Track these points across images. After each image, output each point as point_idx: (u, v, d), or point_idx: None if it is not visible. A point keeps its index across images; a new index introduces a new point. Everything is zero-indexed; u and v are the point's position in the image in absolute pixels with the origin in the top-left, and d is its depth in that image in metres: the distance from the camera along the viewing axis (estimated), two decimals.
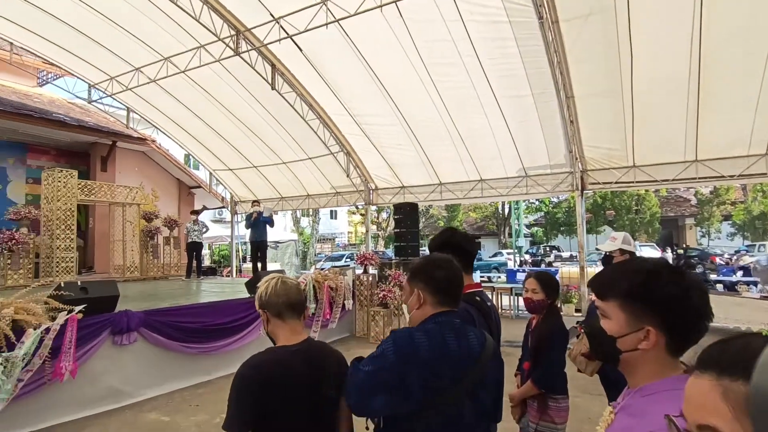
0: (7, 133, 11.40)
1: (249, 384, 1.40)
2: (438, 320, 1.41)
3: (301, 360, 1.47)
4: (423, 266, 1.52)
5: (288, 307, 1.52)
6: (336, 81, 9.36)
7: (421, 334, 1.35)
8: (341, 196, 13.22)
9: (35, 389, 3.43)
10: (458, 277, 1.49)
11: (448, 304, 1.46)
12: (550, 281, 2.60)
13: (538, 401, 2.43)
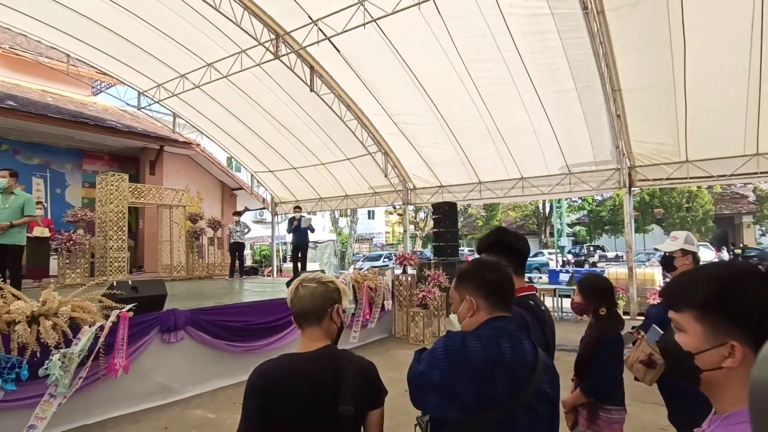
0: (66, 140, 12.10)
1: (255, 391, 1.36)
2: (493, 326, 1.33)
3: (314, 369, 1.37)
4: (472, 270, 1.42)
5: (301, 316, 1.46)
6: (373, 81, 9.36)
7: (475, 339, 1.28)
8: (379, 196, 13.23)
9: (91, 384, 3.59)
10: (510, 279, 1.40)
11: (502, 308, 1.37)
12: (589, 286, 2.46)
13: (588, 410, 2.31)
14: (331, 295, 1.47)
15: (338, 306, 1.49)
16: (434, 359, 1.27)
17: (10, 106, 10.12)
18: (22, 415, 3.28)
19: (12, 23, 9.22)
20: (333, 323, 1.48)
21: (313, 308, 1.44)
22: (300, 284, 1.48)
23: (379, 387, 1.47)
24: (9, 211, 5.39)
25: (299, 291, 1.46)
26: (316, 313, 1.44)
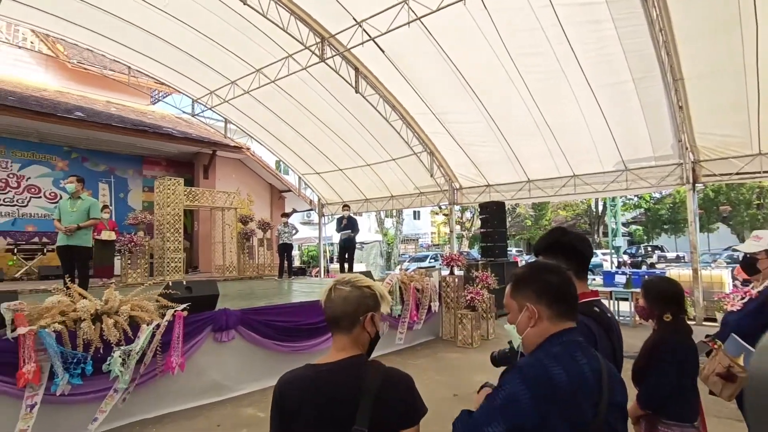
0: (127, 147, 12.83)
1: (275, 401, 1.30)
2: (563, 340, 1.19)
3: (333, 382, 1.25)
4: (530, 275, 1.29)
5: (331, 322, 1.33)
6: (418, 80, 9.28)
7: (554, 363, 1.13)
8: (425, 196, 13.12)
9: (150, 380, 3.74)
10: (573, 284, 1.27)
11: (568, 317, 1.24)
12: (653, 289, 2.25)
13: (646, 422, 2.13)
14: (365, 301, 1.32)
15: (373, 314, 1.33)
16: (515, 402, 1.10)
17: (79, 116, 10.84)
18: (88, 408, 3.46)
19: (80, 39, 9.86)
20: (365, 332, 1.33)
21: (344, 314, 1.31)
22: (333, 287, 1.35)
23: (414, 403, 1.30)
24: (77, 215, 5.75)
25: (331, 294, 1.33)
26: (347, 319, 1.31)
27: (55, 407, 3.30)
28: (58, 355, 3.23)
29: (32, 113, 10.10)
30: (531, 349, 1.25)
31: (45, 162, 11.98)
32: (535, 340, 1.23)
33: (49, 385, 3.23)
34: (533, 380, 1.11)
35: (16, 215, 11.53)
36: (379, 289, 1.37)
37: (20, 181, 11.60)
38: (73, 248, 5.76)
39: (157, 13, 8.39)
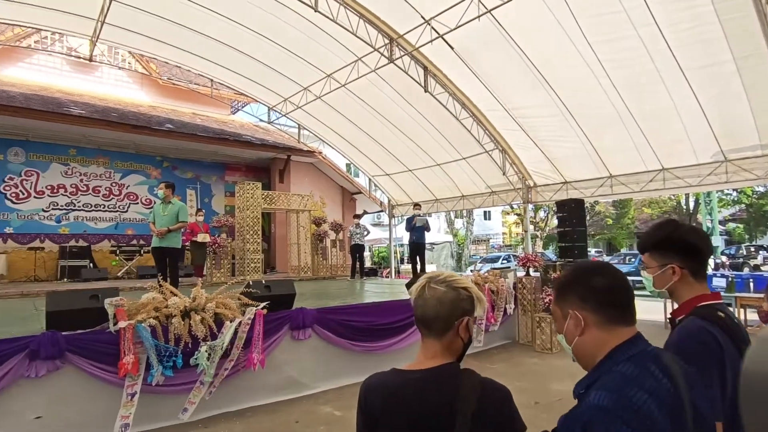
0: (211, 155, 13.73)
1: (360, 405, 1.23)
2: (631, 355, 1.03)
3: (423, 393, 1.13)
4: (574, 277, 1.15)
5: (422, 323, 1.21)
6: (489, 75, 9.01)
7: (636, 389, 0.95)
8: (497, 195, 12.73)
9: (233, 375, 3.93)
10: (626, 282, 1.12)
11: (622, 322, 1.08)
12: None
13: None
14: (461, 304, 1.19)
15: (468, 318, 1.21)
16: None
17: (169, 128, 11.77)
18: (179, 398, 3.69)
19: (170, 57, 10.71)
20: (459, 338, 1.21)
21: (437, 316, 1.18)
22: (427, 285, 1.22)
23: (514, 421, 1.16)
24: (167, 218, 6.23)
25: (425, 293, 1.21)
26: (440, 322, 1.19)
27: (151, 396, 3.55)
28: (153, 347, 3.48)
29: (130, 127, 11.12)
30: (586, 362, 1.10)
31: (141, 171, 13.14)
32: (591, 351, 1.08)
33: (146, 376, 3.49)
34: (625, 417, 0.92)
35: (118, 220, 12.74)
36: (476, 292, 1.24)
37: (121, 189, 12.82)
38: (165, 249, 6.24)
39: (237, 27, 8.88)
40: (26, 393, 3.24)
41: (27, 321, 4.69)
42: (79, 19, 8.93)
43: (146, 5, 8.42)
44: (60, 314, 3.49)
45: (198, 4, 8.29)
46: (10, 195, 11.32)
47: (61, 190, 11.96)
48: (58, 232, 11.85)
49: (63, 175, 12.01)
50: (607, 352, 1.05)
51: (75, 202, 12.13)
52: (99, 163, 12.50)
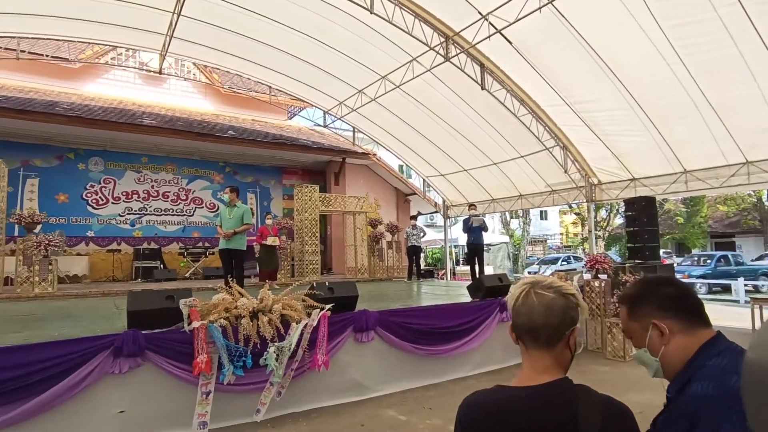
0: (269, 159, 14.17)
1: (459, 426, 1.12)
2: (721, 349, 1.05)
3: (539, 413, 1.01)
4: (646, 290, 1.18)
5: (527, 332, 1.10)
6: (549, 69, 8.65)
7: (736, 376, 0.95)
8: (557, 194, 12.22)
9: (299, 376, 3.97)
10: (692, 289, 1.18)
11: (702, 324, 1.11)
12: None
13: None
14: (570, 312, 1.09)
15: (577, 327, 1.12)
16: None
17: (231, 135, 12.26)
18: (248, 397, 3.78)
19: (231, 66, 11.16)
20: (568, 350, 1.11)
21: (547, 325, 1.07)
22: (532, 290, 1.11)
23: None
24: (233, 221, 6.46)
25: (530, 299, 1.09)
26: (549, 332, 1.08)
27: (224, 395, 3.66)
28: (224, 347, 3.58)
29: (195, 135, 11.69)
30: (673, 371, 1.11)
31: (206, 176, 13.79)
32: (678, 358, 1.09)
33: (218, 375, 3.59)
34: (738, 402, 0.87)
35: (185, 223, 13.43)
36: (581, 299, 1.15)
37: (188, 194, 13.50)
38: (231, 251, 6.48)
39: (293, 33, 9.09)
40: (111, 388, 3.43)
41: (109, 319, 5.00)
42: (149, 35, 9.49)
43: (210, 18, 8.80)
44: (139, 314, 3.67)
45: (257, 14, 8.56)
46: (91, 201, 12.23)
47: (135, 196, 12.77)
48: (132, 235, 12.67)
49: (136, 181, 12.83)
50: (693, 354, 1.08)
51: (147, 207, 12.92)
52: (168, 169, 13.24)
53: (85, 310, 6.16)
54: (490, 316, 5.48)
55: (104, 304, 6.87)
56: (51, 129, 10.83)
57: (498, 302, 5.64)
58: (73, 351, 3.27)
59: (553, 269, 17.44)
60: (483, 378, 5.18)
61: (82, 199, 12.11)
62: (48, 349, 3.24)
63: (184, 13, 8.44)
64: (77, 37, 10.01)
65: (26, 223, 8.35)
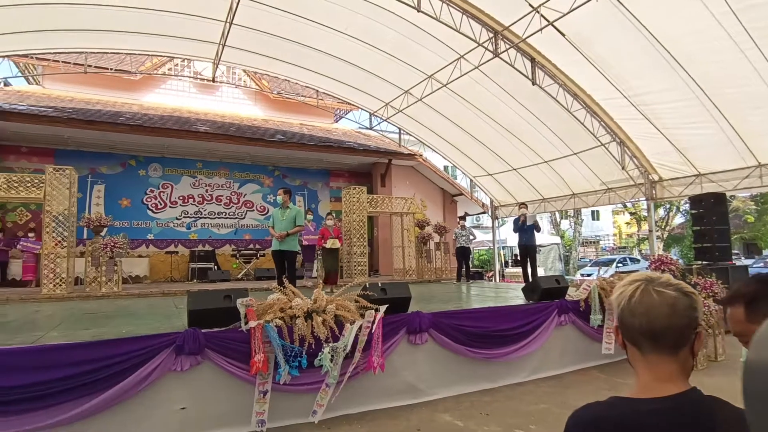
0: (316, 162, 14.37)
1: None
2: None
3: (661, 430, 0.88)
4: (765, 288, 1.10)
5: (646, 335, 0.95)
6: (605, 61, 8.24)
7: None
8: (614, 192, 11.64)
9: (353, 377, 3.93)
10: None
11: None
12: None
13: None
14: (695, 314, 0.96)
15: (702, 331, 0.99)
16: None
17: (280, 139, 12.54)
18: (306, 398, 3.79)
19: (280, 72, 11.41)
20: (691, 355, 0.98)
21: (671, 327, 0.94)
22: (649, 287, 0.96)
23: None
24: (285, 223, 6.56)
25: (649, 297, 0.95)
26: (674, 335, 0.94)
27: (280, 395, 3.68)
28: (279, 347, 3.60)
29: (247, 140, 12.04)
30: None
31: (256, 180, 14.19)
32: None
33: (274, 375, 3.61)
34: None
35: (237, 226, 13.86)
36: (701, 301, 1.04)
37: (239, 197, 13.94)
38: (284, 252, 6.58)
39: (340, 36, 9.16)
40: (173, 385, 3.52)
41: (170, 318, 5.18)
42: (203, 45, 9.86)
43: (260, 25, 9.02)
44: (199, 313, 3.75)
45: (305, 18, 8.69)
46: (151, 206, 12.86)
47: (191, 200, 13.31)
48: (188, 237, 13.21)
49: (191, 186, 13.37)
50: None
51: (201, 210, 13.44)
52: (221, 174, 13.73)
53: (147, 308, 6.44)
54: (548, 319, 5.24)
55: (164, 303, 7.16)
56: (115, 138, 11.49)
57: (556, 304, 5.39)
58: (139, 348, 3.39)
59: (612, 271, 16.62)
60: (542, 384, 4.96)
61: (142, 203, 12.77)
62: (116, 346, 3.37)
63: (236, 22, 8.69)
64: (138, 50, 10.58)
65: (94, 226, 8.87)
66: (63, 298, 8.02)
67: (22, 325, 4.85)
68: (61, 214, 8.52)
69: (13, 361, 3.11)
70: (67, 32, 8.95)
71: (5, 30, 8.50)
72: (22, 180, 8.51)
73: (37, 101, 11.36)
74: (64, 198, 8.58)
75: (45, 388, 3.08)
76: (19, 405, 3.03)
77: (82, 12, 8.33)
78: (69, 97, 12.33)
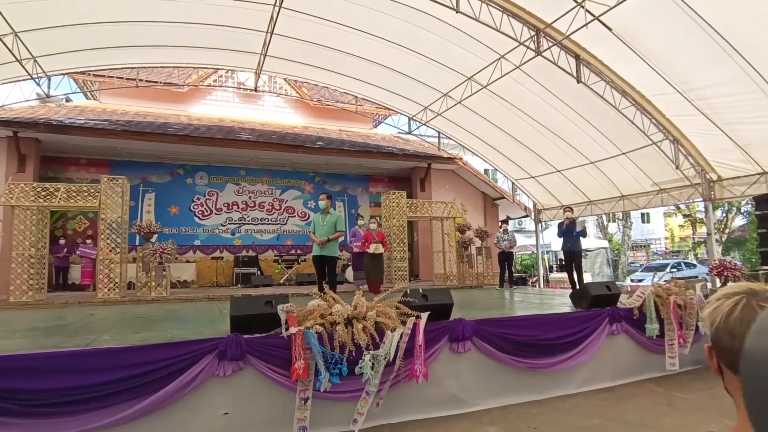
0: (356, 168, 14.44)
1: None
2: None
3: None
4: None
5: None
6: (656, 55, 7.81)
7: None
8: (667, 193, 11.03)
9: (394, 386, 3.84)
10: None
11: None
12: None
13: None
14: None
15: None
16: None
17: (320, 145, 12.69)
18: (344, 405, 3.74)
19: (319, 79, 11.54)
20: None
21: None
22: (753, 300, 0.80)
23: None
24: (326, 228, 6.57)
25: (752, 314, 0.78)
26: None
27: (321, 402, 3.65)
28: (320, 354, 3.57)
29: (288, 146, 12.26)
30: None
31: (297, 186, 14.42)
32: None
33: (314, 382, 3.58)
34: None
35: (279, 232, 14.12)
36: None
37: (281, 204, 14.20)
38: (325, 258, 6.59)
39: (378, 41, 9.16)
40: (216, 390, 3.56)
41: (214, 323, 5.29)
42: (246, 56, 10.12)
43: (300, 34, 9.16)
44: (241, 318, 3.79)
45: (343, 25, 8.74)
46: (197, 213, 13.31)
47: (235, 207, 13.69)
48: (232, 243, 13.57)
49: (235, 193, 13.75)
50: None
51: (245, 217, 13.78)
52: (263, 181, 14.05)
53: (192, 313, 6.61)
54: (599, 328, 4.97)
55: (209, 307, 7.34)
56: (164, 148, 11.99)
57: (607, 312, 5.10)
58: (184, 353, 3.45)
59: (666, 276, 15.73)
60: (592, 397, 4.69)
61: (189, 210, 13.23)
62: (162, 350, 3.44)
63: (276, 32, 8.86)
64: (186, 63, 11.01)
65: (145, 233, 9.26)
66: (116, 301, 8.40)
67: (78, 328, 5.08)
68: (114, 222, 8.95)
69: (69, 364, 3.23)
70: (120, 49, 9.42)
71: (65, 49, 9.04)
72: (80, 190, 9.00)
73: (94, 115, 12.03)
74: (117, 206, 9.01)
75: (98, 390, 3.18)
76: (73, 406, 3.14)
77: (133, 29, 8.74)
78: (122, 111, 12.98)
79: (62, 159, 12.15)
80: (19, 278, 8.37)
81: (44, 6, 7.62)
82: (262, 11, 8.28)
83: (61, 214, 11.82)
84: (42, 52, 8.87)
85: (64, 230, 11.99)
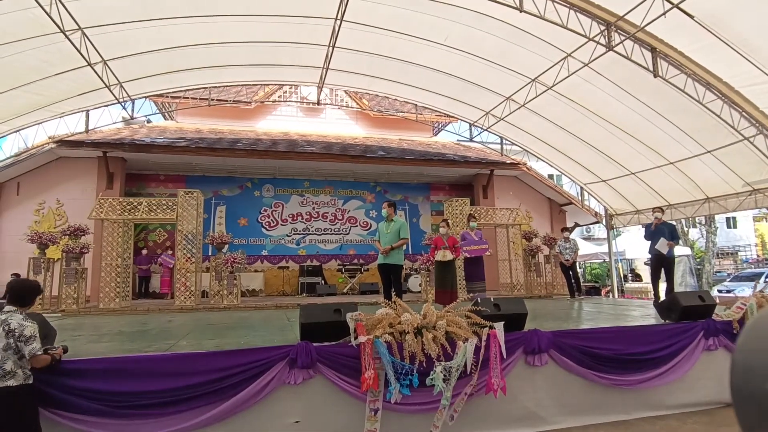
0: (417, 177, 14.38)
1: None
2: None
3: None
4: None
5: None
6: (746, 41, 7.09)
7: None
8: (762, 194, 9.97)
9: (468, 399, 3.67)
10: None
11: None
12: None
13: None
14: None
15: None
16: None
17: (381, 155, 12.76)
18: (415, 418, 3.62)
19: (379, 90, 11.64)
20: None
21: None
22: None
23: None
24: (390, 236, 6.52)
25: None
26: None
27: (392, 414, 3.56)
28: (390, 364, 3.48)
29: (350, 157, 12.45)
30: None
31: (359, 197, 14.57)
32: None
33: (384, 393, 3.50)
34: None
35: (342, 242, 14.31)
36: None
37: (344, 214, 14.41)
38: (389, 266, 6.54)
39: (438, 48, 9.07)
40: (287, 398, 3.58)
41: (282, 330, 5.38)
42: (309, 70, 10.41)
43: (360, 46, 9.28)
44: (311, 326, 3.79)
45: (403, 34, 8.75)
46: (264, 224, 13.81)
47: (299, 218, 14.06)
48: (297, 253, 13.92)
49: (300, 204, 14.14)
50: None
51: (309, 227, 14.11)
52: (326, 192, 14.34)
53: (262, 321, 6.79)
54: (692, 342, 4.50)
55: (277, 315, 7.51)
56: (234, 162, 12.60)
57: (702, 325, 4.62)
58: (256, 359, 3.50)
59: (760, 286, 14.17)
60: (688, 419, 4.24)
61: (257, 222, 13.76)
62: (236, 357, 3.52)
63: (338, 45, 9.04)
64: (252, 81, 11.53)
65: (217, 243, 9.71)
66: (192, 309, 8.83)
67: (158, 334, 5.36)
68: (190, 233, 9.46)
69: (151, 367, 3.38)
70: (194, 71, 10.02)
71: (146, 74, 9.76)
72: (160, 203, 9.63)
73: (171, 134, 12.88)
74: (193, 218, 9.53)
75: (176, 395, 3.30)
76: (158, 409, 3.26)
77: (204, 51, 9.27)
78: (197, 129, 13.80)
79: (144, 176, 13.09)
80: (108, 286, 9.04)
81: (129, 35, 8.27)
82: (325, 25, 8.48)
83: (143, 226, 12.70)
84: (126, 78, 9.63)
85: (145, 242, 12.86)
